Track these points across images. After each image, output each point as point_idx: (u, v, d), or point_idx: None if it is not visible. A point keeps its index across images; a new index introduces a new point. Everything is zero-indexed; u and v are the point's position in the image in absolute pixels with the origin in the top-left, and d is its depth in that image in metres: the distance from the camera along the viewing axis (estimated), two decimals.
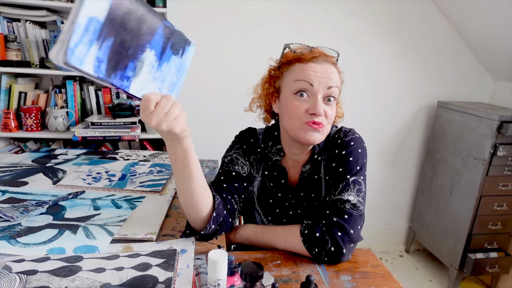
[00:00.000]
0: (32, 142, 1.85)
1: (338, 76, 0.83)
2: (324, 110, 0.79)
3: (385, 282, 0.73)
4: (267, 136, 0.95)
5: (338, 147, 0.88)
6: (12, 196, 0.99)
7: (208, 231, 0.78)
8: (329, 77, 0.79)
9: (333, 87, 0.80)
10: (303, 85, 0.79)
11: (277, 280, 0.71)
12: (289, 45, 0.85)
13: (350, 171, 0.83)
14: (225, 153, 0.95)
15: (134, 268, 0.67)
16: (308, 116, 0.79)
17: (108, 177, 1.19)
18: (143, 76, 0.59)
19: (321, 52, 0.82)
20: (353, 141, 0.87)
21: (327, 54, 0.83)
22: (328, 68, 0.80)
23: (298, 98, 0.80)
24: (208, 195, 0.77)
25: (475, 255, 1.93)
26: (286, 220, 0.95)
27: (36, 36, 1.75)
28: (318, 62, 0.80)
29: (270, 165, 0.94)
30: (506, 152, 1.79)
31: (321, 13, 2.03)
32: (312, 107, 0.78)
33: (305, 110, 0.79)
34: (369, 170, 2.59)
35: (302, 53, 0.82)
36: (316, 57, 0.80)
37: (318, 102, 0.78)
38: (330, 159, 0.89)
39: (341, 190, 0.81)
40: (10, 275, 0.64)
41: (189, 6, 1.91)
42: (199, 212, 0.76)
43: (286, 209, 0.94)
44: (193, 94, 2.03)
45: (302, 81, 0.79)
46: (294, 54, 0.83)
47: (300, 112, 0.79)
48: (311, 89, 0.79)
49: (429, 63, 2.22)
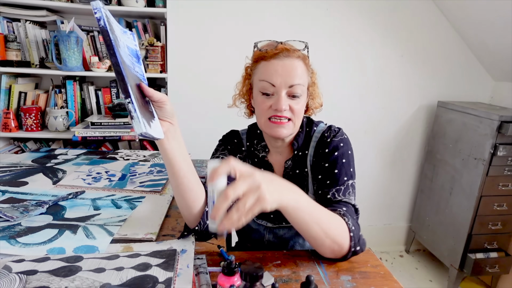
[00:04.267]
0: (32, 142, 1.85)
1: (304, 70, 0.85)
2: (289, 105, 0.82)
3: (385, 282, 0.73)
4: (251, 135, 0.99)
5: (327, 146, 0.89)
6: (12, 196, 0.99)
7: (202, 228, 0.79)
8: (291, 74, 0.81)
9: (295, 85, 0.81)
10: (265, 85, 0.83)
11: (277, 280, 0.71)
12: (257, 44, 0.89)
13: (346, 174, 0.85)
14: (211, 156, 0.98)
15: (134, 268, 0.67)
16: (271, 111, 0.83)
17: (108, 177, 1.19)
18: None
19: (283, 48, 0.83)
20: (342, 143, 0.89)
21: (292, 48, 0.84)
22: (290, 64, 0.82)
23: (263, 95, 0.84)
24: (199, 191, 0.78)
25: (475, 255, 1.93)
26: (273, 215, 0.96)
27: (36, 36, 1.75)
28: (280, 58, 0.82)
29: (256, 162, 0.96)
30: (506, 152, 1.79)
31: (321, 13, 2.03)
32: (274, 103, 0.82)
33: (269, 106, 0.83)
34: (369, 170, 2.59)
35: (266, 50, 0.84)
36: (277, 54, 0.82)
37: (281, 98, 0.81)
38: (318, 156, 0.90)
39: (344, 192, 0.83)
40: (10, 275, 0.64)
41: (189, 6, 1.91)
42: (191, 209, 0.77)
43: None
44: (194, 94, 2.04)
45: (264, 81, 0.83)
46: (260, 52, 0.86)
47: (265, 108, 0.84)
48: (273, 88, 0.82)
49: (429, 63, 2.22)
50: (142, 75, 0.72)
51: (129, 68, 0.64)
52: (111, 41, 0.59)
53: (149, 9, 1.70)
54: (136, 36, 0.77)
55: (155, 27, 1.92)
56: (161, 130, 0.68)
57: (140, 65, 0.73)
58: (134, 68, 0.68)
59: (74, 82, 1.80)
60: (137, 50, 0.75)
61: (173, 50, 1.89)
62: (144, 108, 0.64)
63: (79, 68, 1.71)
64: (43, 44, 1.77)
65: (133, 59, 0.70)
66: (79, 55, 1.69)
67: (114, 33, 0.62)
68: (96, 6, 0.59)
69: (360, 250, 0.76)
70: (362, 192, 2.32)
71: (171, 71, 1.87)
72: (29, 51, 1.75)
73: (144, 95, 0.67)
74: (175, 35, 1.91)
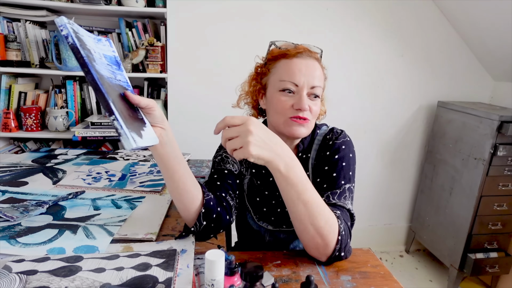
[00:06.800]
0: (32, 142, 1.85)
1: (322, 73, 0.85)
2: (309, 106, 0.81)
3: (385, 282, 0.72)
4: None
5: (329, 149, 0.88)
6: (12, 196, 0.99)
7: (199, 228, 0.78)
8: (313, 74, 0.81)
9: (316, 86, 0.82)
10: (287, 85, 0.82)
11: (277, 280, 0.71)
12: (274, 42, 0.88)
13: (344, 177, 0.84)
14: (215, 154, 0.97)
15: (134, 268, 0.67)
16: (294, 111, 0.81)
17: (108, 177, 1.19)
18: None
19: (305, 48, 0.83)
20: (344, 145, 0.87)
21: (311, 50, 0.84)
22: (312, 64, 0.82)
23: (284, 93, 0.82)
24: (195, 193, 0.77)
25: (475, 255, 1.93)
26: (274, 218, 0.95)
27: (36, 36, 1.75)
28: (303, 57, 0.82)
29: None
30: (506, 152, 1.79)
31: (321, 13, 2.03)
32: (297, 103, 0.80)
33: (291, 106, 0.81)
34: (369, 170, 2.59)
35: (287, 49, 0.84)
36: (301, 53, 0.82)
37: (303, 98, 0.80)
38: (320, 160, 0.89)
39: (339, 196, 0.81)
40: (10, 275, 0.64)
41: (189, 6, 1.91)
42: (188, 210, 0.77)
43: (274, 206, 0.95)
44: (194, 94, 2.04)
45: (287, 81, 0.81)
46: (280, 50, 0.85)
47: (286, 108, 0.82)
48: (296, 88, 0.82)
49: (429, 63, 2.22)
50: (125, 82, 0.69)
51: (109, 80, 0.62)
52: (83, 58, 0.56)
53: (149, 9, 1.70)
54: (112, 42, 0.74)
55: (155, 27, 1.92)
56: (155, 135, 0.67)
57: (122, 71, 0.70)
58: (115, 77, 0.66)
59: (74, 82, 1.80)
60: (116, 56, 0.72)
61: (173, 50, 1.89)
62: (132, 117, 0.62)
63: (79, 68, 1.70)
64: (43, 44, 1.77)
65: (112, 67, 0.67)
66: None
67: (86, 47, 0.60)
68: (61, 22, 0.56)
69: (344, 256, 0.75)
70: (363, 192, 2.32)
71: (171, 71, 1.87)
72: (29, 51, 1.76)
73: (131, 102, 0.65)
74: (175, 35, 1.91)
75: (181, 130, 1.97)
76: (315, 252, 0.75)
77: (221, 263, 0.58)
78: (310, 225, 0.70)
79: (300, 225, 0.72)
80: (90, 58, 0.59)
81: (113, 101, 0.58)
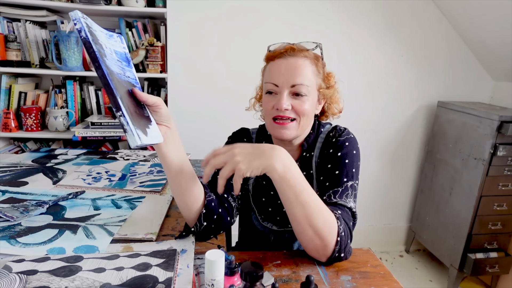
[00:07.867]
0: (32, 142, 1.85)
1: (312, 70, 0.83)
2: (292, 105, 0.81)
3: (385, 282, 0.73)
4: (261, 134, 0.98)
5: (332, 146, 0.87)
6: (12, 196, 0.99)
7: (199, 228, 0.78)
8: (294, 73, 0.80)
9: (298, 85, 0.80)
10: (269, 87, 0.83)
11: (277, 280, 0.71)
12: (269, 47, 0.88)
13: (346, 175, 0.83)
14: None
15: (134, 268, 0.67)
16: (274, 111, 0.82)
17: (108, 177, 1.19)
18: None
19: (289, 47, 0.83)
20: (347, 142, 0.86)
21: (299, 48, 0.83)
22: (294, 63, 0.81)
23: (268, 95, 0.84)
24: (197, 193, 0.77)
25: (475, 255, 1.93)
26: (279, 218, 0.95)
27: (36, 36, 1.75)
28: (284, 57, 0.82)
29: None
30: (506, 152, 1.79)
31: (321, 13, 2.03)
32: (276, 103, 0.81)
33: (272, 106, 0.83)
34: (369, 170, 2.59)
35: (274, 51, 0.85)
36: (282, 53, 0.82)
37: (282, 97, 0.80)
38: (323, 158, 0.88)
39: (341, 194, 0.80)
40: (10, 275, 0.64)
41: (189, 6, 1.91)
42: (190, 210, 0.77)
43: (279, 206, 0.94)
44: (194, 94, 2.04)
45: (268, 83, 0.83)
46: (268, 53, 0.87)
47: (269, 109, 0.83)
48: (277, 88, 0.82)
49: (429, 63, 2.22)
50: (134, 79, 0.70)
51: (118, 76, 0.62)
52: (95, 52, 0.56)
53: (149, 9, 1.70)
54: (123, 38, 0.74)
55: (155, 27, 1.92)
56: (159, 134, 0.67)
57: (131, 68, 0.71)
58: (124, 74, 0.66)
59: (74, 82, 1.80)
60: (126, 52, 0.72)
61: (173, 50, 1.89)
62: (139, 114, 0.62)
63: (79, 68, 1.71)
64: (43, 44, 1.77)
65: (122, 63, 0.67)
66: (79, 55, 1.69)
67: (98, 42, 0.60)
68: (75, 16, 0.56)
69: (344, 257, 0.75)
70: (362, 192, 2.32)
71: (171, 71, 1.87)
72: (29, 51, 1.75)
73: (138, 99, 0.65)
74: (175, 35, 1.91)
75: (181, 130, 1.94)
76: (314, 253, 0.75)
77: (221, 263, 0.58)
78: (309, 226, 0.70)
79: (298, 227, 0.72)
80: (102, 53, 0.59)
81: (121, 97, 0.58)
